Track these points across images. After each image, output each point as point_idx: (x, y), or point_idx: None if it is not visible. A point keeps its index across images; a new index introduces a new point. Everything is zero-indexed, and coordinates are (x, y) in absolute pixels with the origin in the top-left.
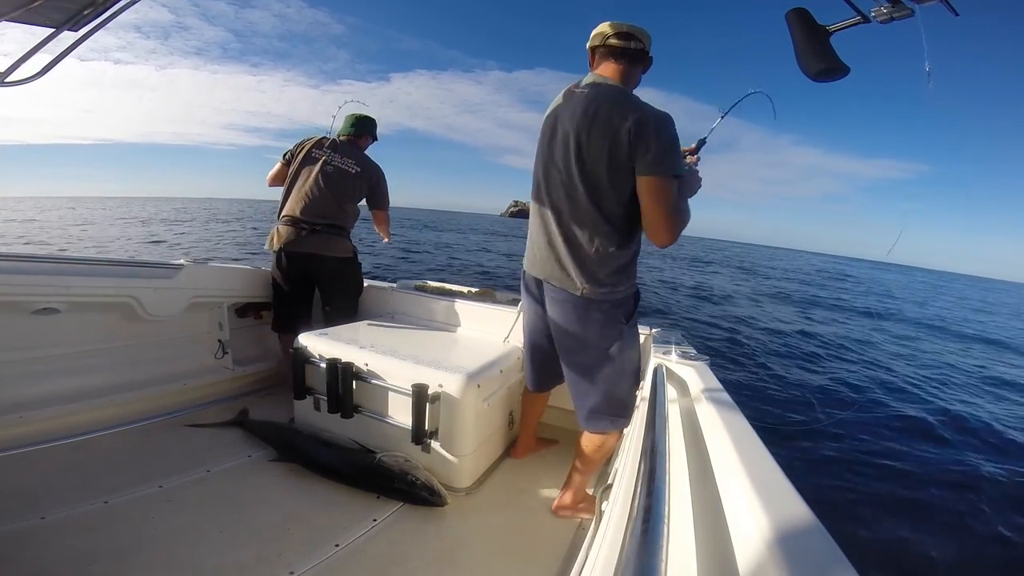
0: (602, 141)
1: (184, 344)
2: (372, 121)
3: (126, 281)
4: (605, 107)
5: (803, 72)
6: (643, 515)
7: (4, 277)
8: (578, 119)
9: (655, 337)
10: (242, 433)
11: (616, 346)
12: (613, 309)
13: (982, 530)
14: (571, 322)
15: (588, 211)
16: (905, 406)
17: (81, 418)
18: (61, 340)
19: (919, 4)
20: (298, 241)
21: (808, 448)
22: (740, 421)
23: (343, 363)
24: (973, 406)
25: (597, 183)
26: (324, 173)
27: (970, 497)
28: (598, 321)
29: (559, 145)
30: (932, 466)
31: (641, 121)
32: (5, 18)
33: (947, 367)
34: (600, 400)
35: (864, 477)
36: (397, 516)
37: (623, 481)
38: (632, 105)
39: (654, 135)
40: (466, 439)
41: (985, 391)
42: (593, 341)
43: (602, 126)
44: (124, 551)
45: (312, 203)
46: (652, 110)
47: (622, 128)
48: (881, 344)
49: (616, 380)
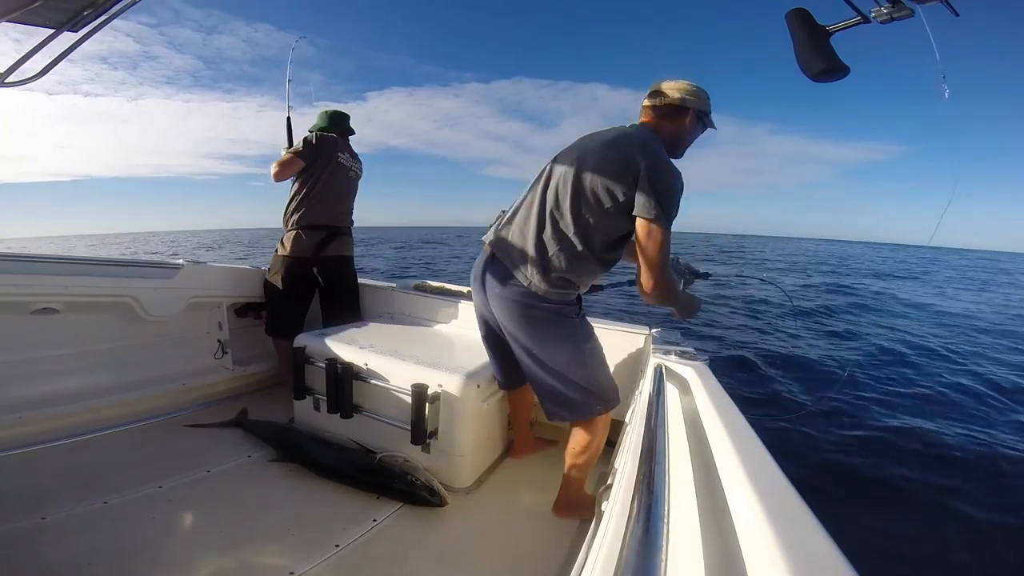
0: (619, 167)
1: (184, 344)
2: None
3: (126, 281)
4: (634, 143)
5: (803, 72)
6: (643, 515)
7: (4, 277)
8: (606, 141)
9: (655, 337)
10: (242, 433)
11: (572, 338)
12: (561, 306)
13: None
14: (520, 319)
15: (567, 222)
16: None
17: (81, 418)
18: (61, 340)
19: (919, 4)
20: (332, 246)
21: (810, 432)
22: (740, 421)
23: (343, 363)
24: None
25: (588, 201)
26: (348, 179)
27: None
28: (546, 318)
29: (577, 156)
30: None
31: (659, 164)
32: (5, 18)
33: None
34: (563, 393)
35: (861, 456)
36: (397, 516)
37: (623, 481)
38: (658, 148)
39: (667, 181)
40: (466, 439)
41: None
42: (545, 337)
43: (625, 155)
44: (124, 551)
45: (343, 209)
46: (668, 161)
47: (642, 163)
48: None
49: (576, 370)
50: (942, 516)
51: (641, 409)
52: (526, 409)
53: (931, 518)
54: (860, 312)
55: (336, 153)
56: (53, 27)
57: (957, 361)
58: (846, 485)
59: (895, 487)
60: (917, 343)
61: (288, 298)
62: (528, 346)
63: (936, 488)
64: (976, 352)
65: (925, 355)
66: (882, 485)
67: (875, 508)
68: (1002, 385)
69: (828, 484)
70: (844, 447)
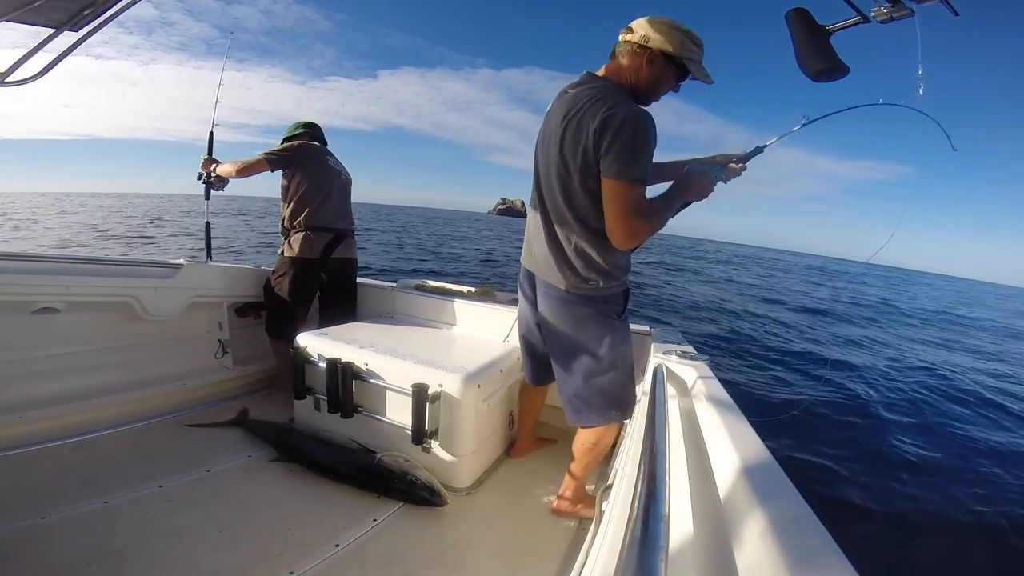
0: (575, 143)
1: (184, 344)
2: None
3: (126, 281)
4: (581, 107)
5: (803, 72)
6: (643, 515)
7: (4, 277)
8: (559, 120)
9: (655, 337)
10: (242, 433)
11: (607, 341)
12: (602, 305)
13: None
14: (558, 317)
15: (564, 212)
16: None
17: (81, 418)
18: (61, 340)
19: (919, 4)
20: (339, 248)
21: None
22: (740, 421)
23: (343, 363)
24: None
25: (569, 185)
26: (342, 182)
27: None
28: (586, 316)
29: (544, 145)
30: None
31: (607, 119)
32: (5, 18)
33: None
34: (585, 394)
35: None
36: (397, 516)
37: (623, 481)
38: (606, 103)
39: (615, 135)
40: (466, 439)
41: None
42: (581, 336)
43: (575, 127)
44: (124, 551)
45: (344, 211)
46: (624, 108)
47: (590, 128)
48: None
49: (603, 374)
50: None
51: (641, 409)
52: (536, 409)
53: (932, 519)
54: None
55: (325, 157)
56: (53, 27)
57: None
58: (847, 485)
59: (895, 487)
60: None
61: (293, 300)
62: (564, 346)
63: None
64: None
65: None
66: (882, 485)
67: (876, 508)
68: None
69: (829, 483)
70: (843, 447)
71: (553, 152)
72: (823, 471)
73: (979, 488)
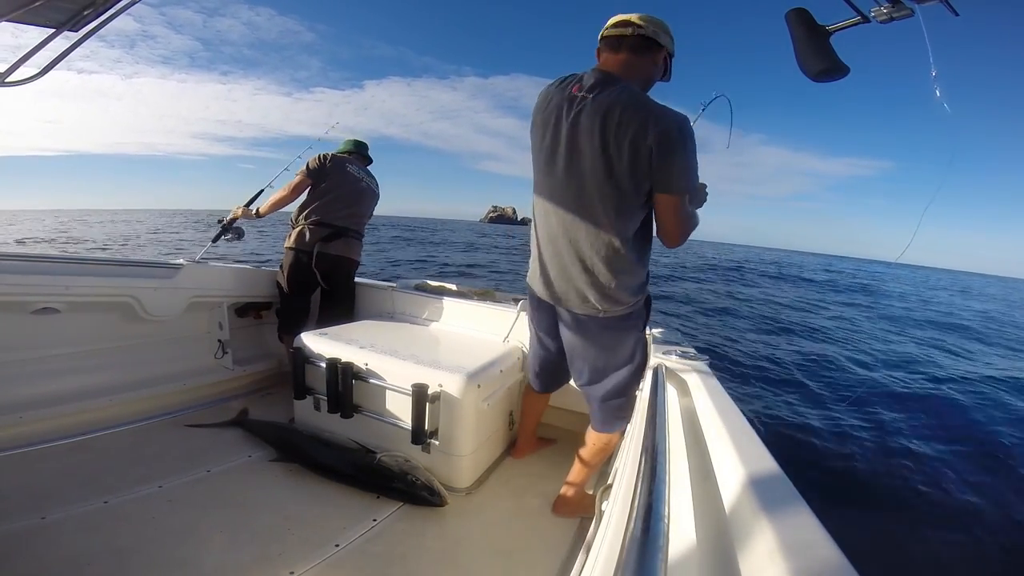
0: (620, 155)
1: (184, 344)
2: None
3: (126, 281)
4: (621, 116)
5: (803, 72)
6: (643, 515)
7: (4, 277)
8: (593, 129)
9: (655, 337)
10: (242, 433)
11: (639, 353)
12: (636, 320)
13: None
14: (595, 339)
15: (604, 233)
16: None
17: (81, 418)
18: (61, 340)
19: (919, 4)
20: (334, 244)
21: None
22: (740, 421)
23: (343, 363)
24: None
25: (617, 203)
26: (359, 189)
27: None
28: (623, 333)
29: (565, 157)
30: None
31: (664, 135)
32: (5, 18)
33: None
34: (618, 403)
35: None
36: (397, 516)
37: (623, 481)
38: (653, 114)
39: (678, 150)
40: (466, 439)
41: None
42: (619, 352)
43: (620, 139)
44: (124, 551)
45: (349, 212)
46: (672, 118)
47: (643, 143)
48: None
49: (632, 383)
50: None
51: (641, 409)
52: (540, 412)
53: (934, 521)
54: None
55: (345, 164)
56: (53, 27)
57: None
58: (847, 484)
59: (896, 487)
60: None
61: (291, 292)
62: (600, 364)
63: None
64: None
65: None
66: (883, 485)
67: (875, 508)
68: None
69: (829, 484)
70: (845, 446)
71: (587, 169)
72: (824, 470)
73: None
